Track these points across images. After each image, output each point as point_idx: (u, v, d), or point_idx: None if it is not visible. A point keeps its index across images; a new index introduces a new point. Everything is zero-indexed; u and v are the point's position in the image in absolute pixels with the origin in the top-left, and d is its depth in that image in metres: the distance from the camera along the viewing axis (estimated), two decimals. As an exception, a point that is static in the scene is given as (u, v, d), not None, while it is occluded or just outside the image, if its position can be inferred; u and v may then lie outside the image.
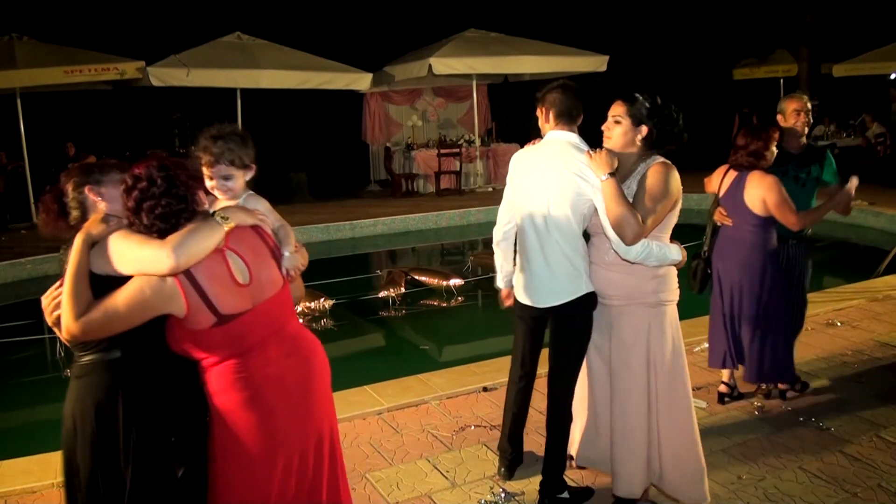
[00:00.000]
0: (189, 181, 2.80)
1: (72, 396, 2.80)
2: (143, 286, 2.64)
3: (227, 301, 2.76)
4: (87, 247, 2.70)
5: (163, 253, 2.60)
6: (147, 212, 2.70)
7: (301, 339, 3.05)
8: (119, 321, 2.64)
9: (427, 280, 9.61)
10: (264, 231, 3.01)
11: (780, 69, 21.03)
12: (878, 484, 4.26)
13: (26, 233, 13.65)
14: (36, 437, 5.72)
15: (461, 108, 20.34)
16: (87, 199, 2.89)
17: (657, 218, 3.72)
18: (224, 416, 2.82)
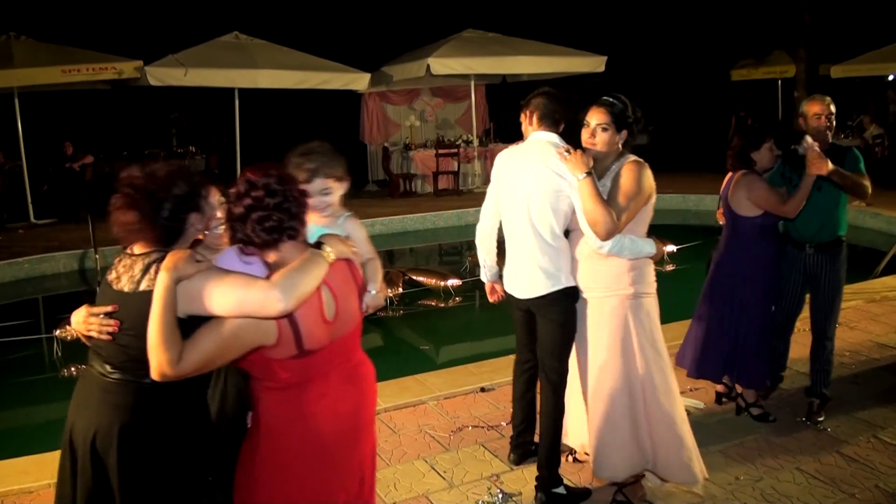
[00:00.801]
0: (301, 198, 2.67)
1: (94, 407, 2.67)
2: (242, 325, 2.52)
3: (313, 337, 2.65)
4: (175, 285, 2.51)
5: (272, 296, 2.46)
6: (255, 222, 2.55)
7: (361, 370, 2.97)
8: (217, 360, 2.57)
9: (425, 280, 9.61)
10: (354, 264, 2.91)
11: (777, 70, 21.03)
12: (875, 485, 4.27)
13: (24, 232, 13.65)
14: (33, 438, 5.72)
15: (459, 108, 20.34)
16: (190, 226, 2.74)
17: (630, 214, 3.90)
18: (273, 438, 2.73)
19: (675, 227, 13.21)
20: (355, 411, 2.88)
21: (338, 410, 2.81)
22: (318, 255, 2.67)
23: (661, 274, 10.28)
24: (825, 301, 5.12)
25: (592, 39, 18.51)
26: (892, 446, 4.70)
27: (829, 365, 5.18)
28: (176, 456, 2.71)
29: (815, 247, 5.09)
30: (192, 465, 2.76)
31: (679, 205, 15.27)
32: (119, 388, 2.65)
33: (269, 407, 2.73)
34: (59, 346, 7.45)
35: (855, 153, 5.05)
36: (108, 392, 2.66)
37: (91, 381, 2.72)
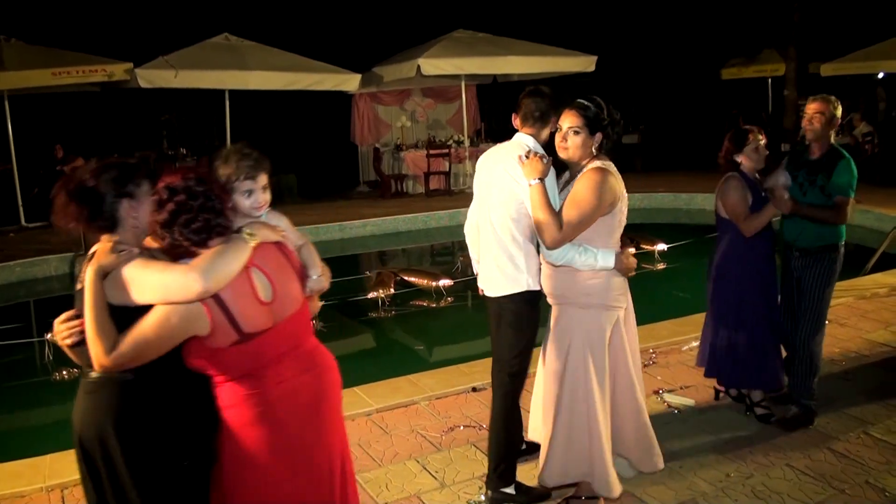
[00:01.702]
0: (223, 195, 2.75)
1: (80, 409, 2.74)
2: (170, 313, 2.56)
3: (250, 319, 2.70)
4: (101, 279, 2.60)
5: (190, 278, 2.53)
6: (182, 226, 2.60)
7: (317, 356, 2.99)
8: (150, 350, 2.58)
9: (416, 281, 9.62)
10: (286, 248, 2.97)
11: (768, 69, 21.09)
12: (865, 480, 4.29)
13: (15, 236, 13.60)
14: (25, 441, 5.72)
15: (450, 108, 20.35)
16: (122, 211, 2.76)
17: (581, 223, 3.75)
18: (234, 431, 2.77)
19: (666, 226, 13.27)
20: (316, 401, 2.91)
21: (298, 401, 2.84)
22: (237, 238, 2.72)
23: (653, 273, 10.42)
24: (805, 309, 5.05)
25: (583, 39, 18.54)
26: (882, 442, 4.72)
27: (807, 375, 5.06)
28: (165, 448, 2.74)
29: (800, 251, 5.06)
30: (178, 454, 2.79)
31: (670, 203, 15.31)
32: (98, 384, 2.71)
33: (226, 400, 2.77)
34: (50, 349, 7.43)
35: (847, 166, 4.89)
36: (90, 392, 2.73)
37: (81, 384, 2.78)
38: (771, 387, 5.16)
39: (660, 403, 5.40)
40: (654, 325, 6.91)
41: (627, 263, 3.88)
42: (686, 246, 11.18)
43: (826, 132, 4.98)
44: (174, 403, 2.78)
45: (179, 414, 2.79)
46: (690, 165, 19.27)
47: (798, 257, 5.07)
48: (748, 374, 5.11)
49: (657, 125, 22.41)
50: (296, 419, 2.83)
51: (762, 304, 5.07)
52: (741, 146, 4.97)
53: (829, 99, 5.01)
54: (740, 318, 5.06)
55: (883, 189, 13.89)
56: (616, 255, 3.84)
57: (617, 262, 3.83)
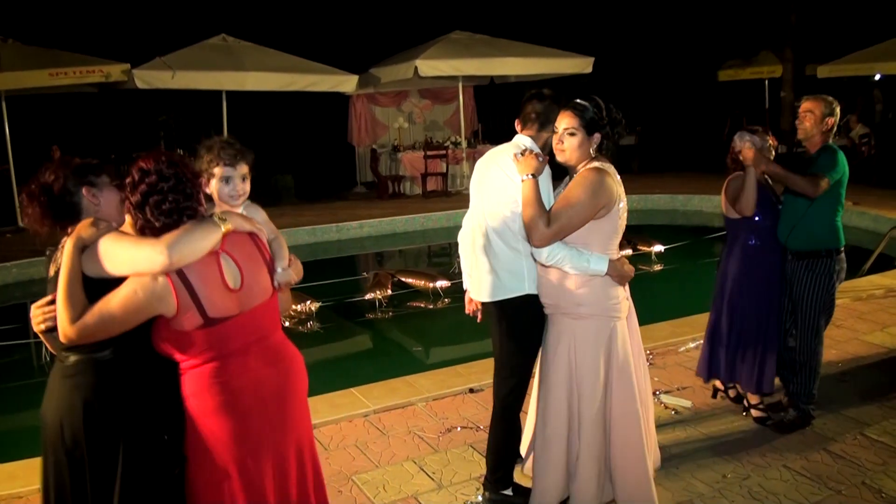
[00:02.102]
0: (194, 179, 2.81)
1: (56, 396, 2.76)
2: (136, 287, 2.62)
3: (215, 304, 2.75)
4: (79, 251, 2.67)
5: (156, 250, 2.60)
6: (153, 206, 2.69)
7: (283, 351, 3.03)
8: (114, 323, 2.63)
9: (413, 282, 9.62)
10: (259, 240, 3.02)
11: (764, 70, 21.13)
12: (861, 481, 4.30)
13: (12, 236, 13.58)
14: (21, 442, 5.70)
15: (447, 109, 20.34)
16: (83, 200, 2.87)
17: (571, 222, 3.60)
18: (197, 420, 2.80)
19: (663, 227, 13.27)
20: (280, 394, 2.94)
21: (261, 393, 2.87)
22: (208, 220, 2.78)
23: (650, 274, 10.43)
24: (799, 313, 5.02)
25: (580, 40, 18.56)
26: (879, 443, 4.73)
27: (807, 381, 5.03)
28: (143, 429, 2.78)
29: (793, 254, 5.01)
30: (159, 438, 2.83)
31: (667, 205, 15.32)
32: (77, 367, 2.75)
33: (191, 388, 2.80)
34: (46, 351, 7.38)
35: (832, 155, 4.85)
36: (68, 376, 2.76)
37: (55, 371, 2.83)
38: (764, 391, 5.15)
39: (657, 405, 5.40)
40: (651, 327, 6.91)
41: (622, 270, 3.70)
42: (683, 247, 11.21)
43: (816, 131, 4.95)
44: (153, 383, 2.82)
45: (159, 393, 2.83)
46: (687, 167, 19.30)
47: (791, 261, 5.02)
48: (744, 376, 5.12)
49: (654, 127, 22.42)
50: (259, 410, 2.86)
51: (764, 309, 5.06)
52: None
53: (824, 99, 4.97)
54: (743, 320, 5.07)
55: (879, 191, 13.90)
56: (611, 261, 3.66)
57: (611, 269, 3.65)
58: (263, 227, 3.08)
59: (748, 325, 5.07)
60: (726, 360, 5.16)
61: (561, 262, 3.66)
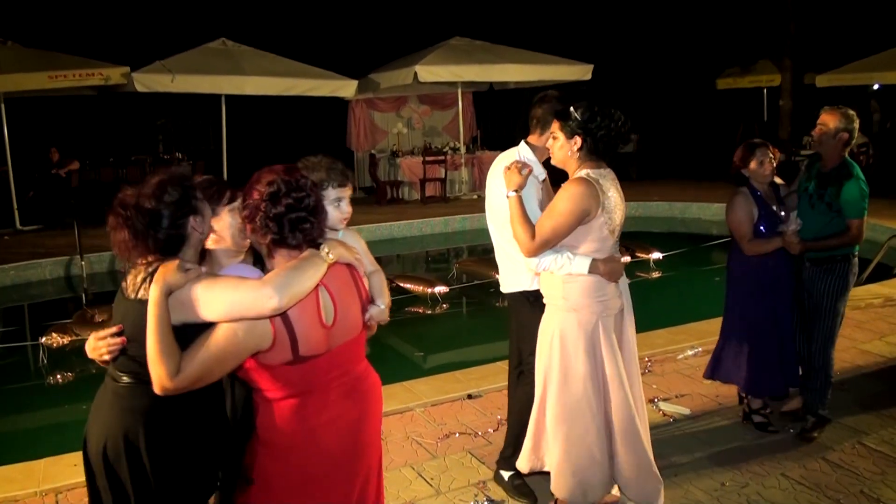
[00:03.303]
0: (321, 202, 2.73)
1: (104, 416, 2.65)
2: (236, 329, 2.48)
3: (309, 341, 2.61)
4: (166, 297, 2.47)
5: (264, 293, 2.43)
6: (293, 223, 2.58)
7: (363, 381, 2.89)
8: (216, 369, 2.52)
9: (412, 287, 9.60)
10: (356, 272, 2.87)
11: (763, 79, 21.19)
12: (860, 490, 4.29)
13: (9, 239, 13.57)
14: (18, 446, 5.70)
15: (446, 115, 20.36)
16: (188, 230, 2.63)
17: (554, 235, 3.67)
18: (269, 452, 2.69)
19: (661, 235, 13.28)
20: (356, 426, 2.82)
21: (338, 428, 2.75)
22: (315, 255, 2.64)
23: (648, 281, 10.43)
24: (817, 319, 5.01)
25: (579, 48, 18.59)
26: (877, 452, 4.73)
27: (823, 387, 5.04)
28: (189, 458, 2.68)
29: (811, 261, 5.01)
30: (204, 467, 2.75)
31: (665, 212, 15.34)
32: (130, 391, 2.62)
33: (267, 418, 2.69)
34: (44, 353, 7.41)
35: (855, 185, 4.83)
36: (121, 396, 2.64)
37: (106, 388, 2.70)
38: (759, 395, 5.15)
39: (655, 412, 5.40)
40: (649, 334, 6.91)
41: (606, 268, 3.73)
42: (681, 255, 11.21)
43: (830, 145, 4.92)
44: (206, 412, 2.73)
45: (211, 423, 2.74)
46: (686, 174, 19.31)
47: (809, 268, 5.03)
48: (751, 380, 5.08)
49: (653, 134, 22.45)
50: (335, 444, 2.75)
51: (767, 315, 5.03)
52: (748, 159, 4.95)
53: (843, 112, 4.93)
54: (751, 326, 5.04)
55: (876, 200, 13.84)
56: (592, 261, 3.71)
57: (593, 268, 3.70)
58: (363, 257, 2.95)
59: (751, 331, 5.05)
60: (732, 363, 5.16)
61: (549, 267, 3.77)
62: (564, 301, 3.81)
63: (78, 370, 7.27)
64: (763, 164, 4.92)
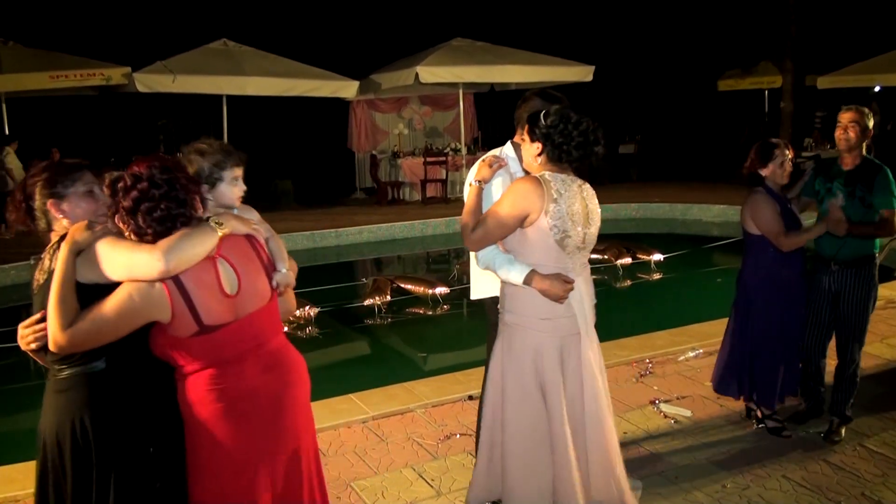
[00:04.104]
0: (189, 184, 2.75)
1: (51, 411, 2.72)
2: (132, 292, 2.58)
3: (211, 311, 2.71)
4: (73, 255, 2.62)
5: (153, 256, 2.55)
6: (144, 213, 2.63)
7: (283, 355, 2.98)
8: (108, 330, 2.59)
9: (413, 288, 9.61)
10: (257, 241, 2.97)
11: (764, 81, 21.18)
12: (861, 493, 4.29)
13: (9, 239, 13.56)
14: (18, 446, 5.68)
15: (447, 116, 20.38)
16: (50, 212, 2.82)
17: (494, 228, 3.55)
18: (195, 426, 2.78)
19: (661, 236, 13.28)
20: (278, 401, 2.89)
21: (259, 400, 2.83)
22: (204, 225, 2.74)
23: (648, 283, 10.44)
24: (851, 321, 5.03)
25: (580, 49, 18.57)
26: (878, 454, 4.72)
27: (853, 386, 5.08)
28: (133, 443, 2.74)
29: (841, 263, 4.98)
30: (151, 450, 2.80)
31: (666, 214, 15.34)
32: (70, 381, 2.70)
33: (188, 395, 2.77)
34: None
35: (886, 177, 4.85)
36: (61, 390, 2.71)
37: (48, 389, 2.77)
38: (772, 403, 5.09)
39: (656, 414, 5.40)
40: (649, 335, 6.91)
41: (543, 284, 3.49)
42: (682, 256, 11.20)
43: (860, 142, 4.94)
44: (145, 394, 2.79)
45: (150, 405, 2.80)
46: (686, 176, 19.31)
47: (837, 271, 5.00)
48: (764, 390, 5.03)
49: (653, 135, 22.46)
50: (256, 418, 2.83)
51: (788, 322, 4.99)
52: (766, 160, 4.89)
53: (863, 110, 4.98)
54: (765, 333, 4.99)
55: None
56: (530, 272, 3.51)
57: (528, 279, 3.50)
58: (259, 227, 3.03)
59: (768, 340, 4.98)
60: (742, 372, 5.10)
61: (491, 267, 3.66)
62: (509, 314, 3.68)
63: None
64: (783, 164, 4.87)
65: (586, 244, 3.64)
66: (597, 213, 3.68)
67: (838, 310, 5.05)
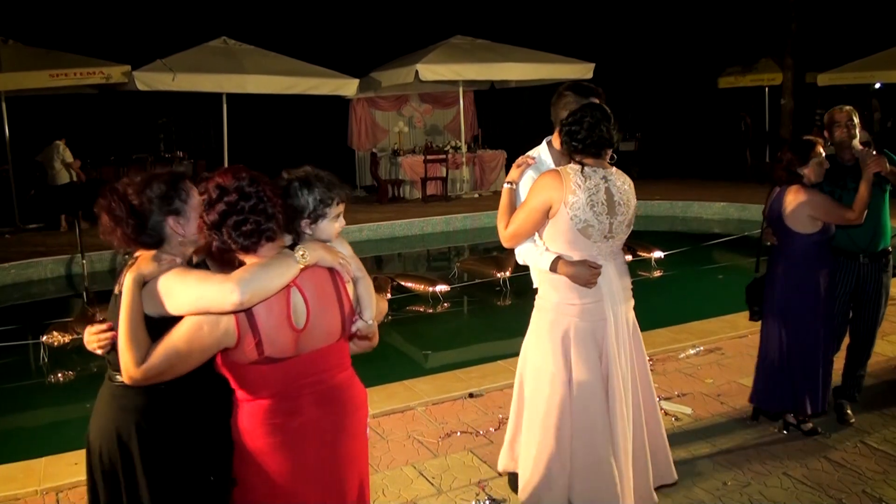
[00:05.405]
0: (276, 198, 2.62)
1: (102, 416, 2.67)
2: (202, 323, 2.49)
3: (276, 342, 2.58)
4: (139, 287, 2.53)
5: (227, 289, 2.43)
6: (232, 227, 2.52)
7: (341, 391, 2.80)
8: (181, 363, 2.52)
9: (413, 286, 9.60)
10: (339, 276, 2.76)
11: (765, 78, 21.15)
12: (862, 490, 4.28)
13: (10, 237, 13.58)
14: (19, 444, 5.69)
15: (448, 114, 20.37)
16: (167, 230, 2.65)
17: (521, 225, 3.77)
18: (246, 455, 2.68)
19: (662, 234, 13.27)
20: (333, 440, 2.76)
21: (311, 436, 2.70)
22: (287, 255, 2.60)
23: (649, 280, 10.42)
24: (874, 310, 5.19)
25: (580, 46, 18.57)
26: (879, 452, 4.72)
27: (865, 371, 5.35)
28: (187, 456, 2.68)
29: (869, 256, 5.10)
30: (202, 466, 2.73)
31: (666, 211, 15.34)
32: (125, 390, 2.62)
33: (242, 422, 2.68)
34: (45, 352, 7.41)
35: (888, 153, 5.00)
36: (116, 396, 2.65)
37: (104, 388, 2.72)
38: (815, 409, 4.96)
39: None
40: (650, 333, 6.89)
41: (569, 270, 3.66)
42: (683, 253, 11.20)
43: (856, 138, 5.09)
44: (202, 413, 2.71)
45: (207, 425, 2.72)
46: (687, 173, 19.31)
47: (866, 263, 5.12)
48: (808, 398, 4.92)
49: (654, 133, 22.45)
50: (309, 453, 2.70)
51: (819, 325, 4.89)
52: (806, 158, 4.78)
53: (852, 108, 5.14)
54: (801, 341, 4.89)
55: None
56: (556, 259, 3.68)
57: (554, 266, 3.68)
58: (347, 263, 2.79)
59: (807, 347, 4.88)
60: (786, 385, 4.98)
61: (525, 258, 3.89)
62: (540, 299, 3.88)
63: (79, 369, 7.28)
64: (822, 164, 4.80)
65: (614, 233, 3.72)
66: (627, 202, 3.74)
67: (862, 301, 5.19)
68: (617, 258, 3.82)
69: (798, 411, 5.00)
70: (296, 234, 2.77)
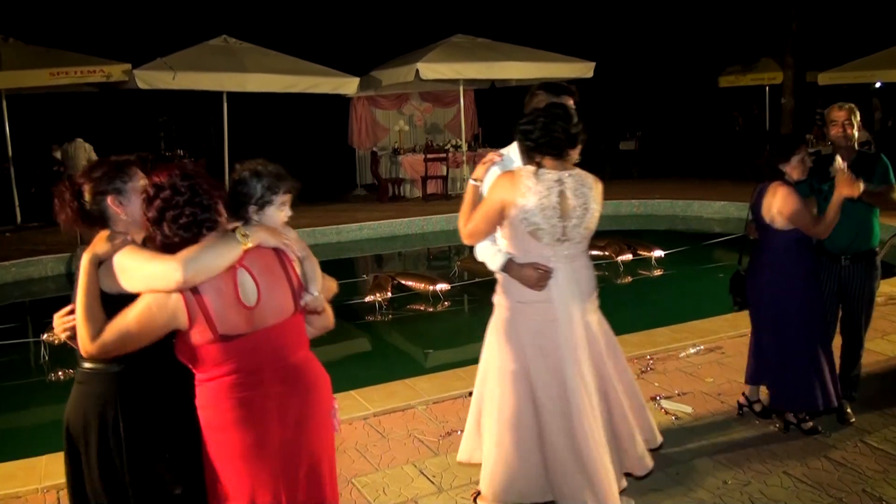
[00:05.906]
0: (212, 190, 2.73)
1: (71, 400, 2.82)
2: (150, 303, 2.61)
3: (227, 320, 2.68)
4: (95, 266, 2.67)
5: (171, 267, 2.56)
6: (170, 222, 2.64)
7: (303, 371, 2.92)
8: (132, 340, 2.63)
9: (413, 285, 9.60)
10: (285, 256, 2.90)
11: (765, 77, 21.14)
12: (862, 489, 4.29)
13: (11, 235, 13.58)
14: (20, 442, 5.70)
15: (448, 112, 20.37)
16: (109, 208, 2.82)
17: (480, 224, 3.79)
18: (209, 433, 2.78)
19: (662, 233, 13.28)
20: (293, 413, 2.85)
21: (273, 407, 2.80)
22: (229, 237, 2.73)
23: (649, 279, 10.43)
24: (860, 311, 5.18)
25: (581, 45, 18.55)
26: (879, 451, 4.72)
27: (860, 370, 5.37)
28: (152, 440, 2.80)
29: (851, 257, 5.08)
30: (167, 450, 2.84)
31: (667, 210, 15.34)
32: (87, 376, 2.79)
33: (203, 401, 2.78)
34: (46, 349, 7.42)
35: (884, 161, 5.01)
36: (83, 382, 2.80)
37: (76, 375, 2.85)
38: (807, 407, 4.96)
39: (657, 410, 5.40)
40: (650, 332, 6.91)
41: (519, 272, 3.72)
42: (683, 252, 11.20)
43: (854, 137, 5.06)
44: (162, 396, 2.83)
45: (166, 407, 2.83)
46: (687, 172, 19.30)
47: (847, 265, 5.10)
48: (796, 396, 4.93)
49: (654, 132, 22.43)
50: (271, 430, 2.78)
51: (809, 320, 4.90)
52: (788, 155, 4.78)
53: (853, 106, 5.08)
54: (787, 335, 4.89)
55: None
56: (507, 260, 3.76)
57: (505, 267, 3.78)
58: (292, 243, 2.95)
59: (793, 339, 4.89)
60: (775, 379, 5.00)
61: (482, 257, 3.93)
62: (496, 296, 3.94)
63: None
64: (804, 161, 4.79)
65: (568, 236, 3.69)
66: (583, 206, 3.70)
67: (848, 302, 5.19)
68: (576, 261, 3.77)
69: (799, 409, 5.01)
70: (244, 220, 2.94)
